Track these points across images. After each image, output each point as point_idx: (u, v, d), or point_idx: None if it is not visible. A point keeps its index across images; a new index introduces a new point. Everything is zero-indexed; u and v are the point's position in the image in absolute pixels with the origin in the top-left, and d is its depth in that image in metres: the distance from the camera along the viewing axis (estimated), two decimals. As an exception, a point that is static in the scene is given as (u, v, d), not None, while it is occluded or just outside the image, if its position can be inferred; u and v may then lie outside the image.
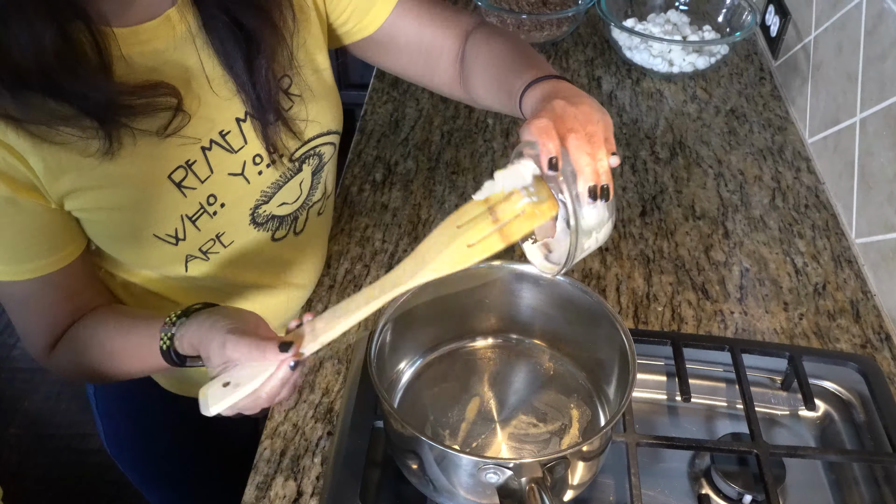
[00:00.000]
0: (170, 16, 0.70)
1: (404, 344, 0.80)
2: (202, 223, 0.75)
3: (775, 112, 1.31)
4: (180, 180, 0.72)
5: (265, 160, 0.78)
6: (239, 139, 0.75)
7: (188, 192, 0.73)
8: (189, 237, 0.75)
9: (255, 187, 0.78)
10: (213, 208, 0.75)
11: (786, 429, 0.86)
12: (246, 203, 0.79)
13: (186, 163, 0.72)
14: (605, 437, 0.69)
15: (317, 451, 0.81)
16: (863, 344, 0.93)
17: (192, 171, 0.73)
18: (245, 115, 0.75)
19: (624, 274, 1.01)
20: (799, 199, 1.14)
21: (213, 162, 0.74)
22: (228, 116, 0.74)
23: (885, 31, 1.01)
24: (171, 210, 0.73)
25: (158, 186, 0.71)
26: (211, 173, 0.74)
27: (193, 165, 0.73)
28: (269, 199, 0.81)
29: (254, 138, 0.76)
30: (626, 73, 1.41)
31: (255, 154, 0.77)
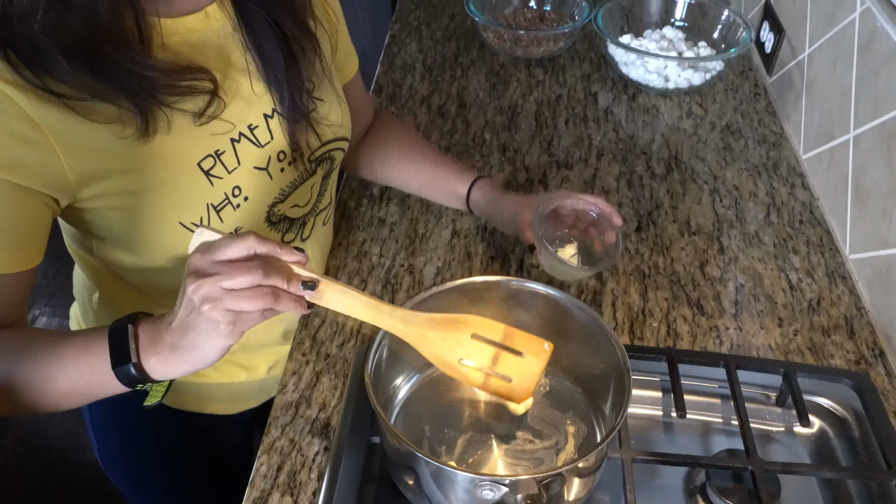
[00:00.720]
0: (208, 12, 0.74)
1: (401, 359, 0.81)
2: (225, 214, 0.76)
3: (770, 128, 1.32)
4: (209, 169, 0.74)
5: (287, 157, 0.81)
6: (266, 134, 0.78)
7: (215, 181, 0.74)
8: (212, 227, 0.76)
9: (275, 184, 0.81)
10: (237, 200, 0.77)
11: (781, 445, 0.86)
12: (265, 200, 0.81)
13: (216, 152, 0.74)
14: (600, 453, 0.69)
15: (313, 467, 0.81)
16: (857, 360, 0.93)
17: (221, 161, 0.75)
18: (272, 112, 0.78)
19: (620, 289, 1.02)
20: (793, 214, 1.14)
21: (241, 154, 0.76)
22: (258, 112, 0.77)
23: (877, 49, 1.03)
24: (197, 197, 0.74)
25: (187, 172, 0.73)
26: (238, 165, 0.76)
27: (222, 156, 0.75)
28: (285, 199, 0.83)
29: (279, 135, 0.80)
30: (622, 89, 1.42)
31: (280, 150, 0.80)
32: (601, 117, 1.34)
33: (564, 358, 0.83)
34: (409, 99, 1.38)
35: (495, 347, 0.72)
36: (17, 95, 0.62)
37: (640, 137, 1.30)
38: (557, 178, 1.20)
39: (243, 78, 0.76)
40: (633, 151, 1.26)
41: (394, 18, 1.64)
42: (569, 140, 1.28)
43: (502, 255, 1.06)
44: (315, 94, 0.83)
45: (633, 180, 1.20)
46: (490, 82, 1.43)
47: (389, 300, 0.99)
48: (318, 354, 0.93)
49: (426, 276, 1.03)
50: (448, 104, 1.37)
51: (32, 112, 0.63)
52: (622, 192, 1.18)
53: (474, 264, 1.05)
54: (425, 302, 0.78)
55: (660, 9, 1.52)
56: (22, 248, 0.68)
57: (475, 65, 1.48)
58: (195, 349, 0.63)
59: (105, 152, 0.67)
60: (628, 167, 1.23)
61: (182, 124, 0.71)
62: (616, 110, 1.36)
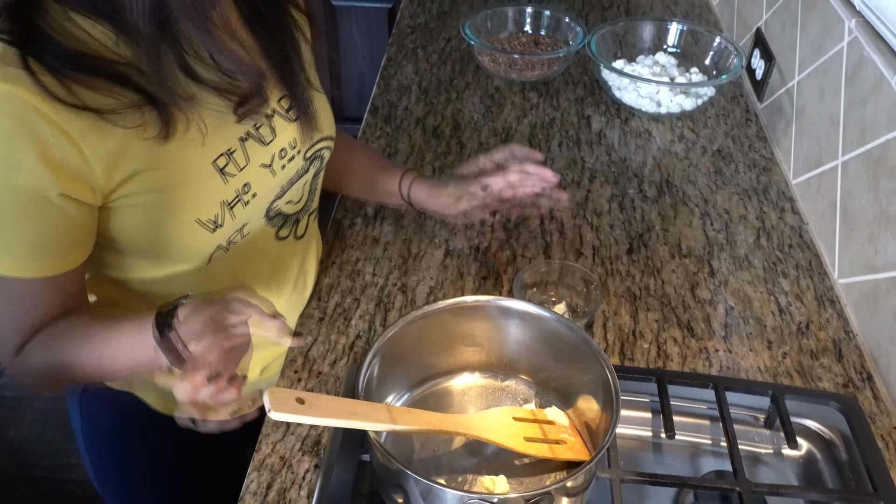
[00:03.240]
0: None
1: (392, 377, 0.81)
2: (237, 211, 0.80)
3: (760, 153, 1.34)
4: (223, 167, 0.77)
5: (288, 154, 0.85)
6: (269, 132, 0.82)
7: (229, 178, 0.78)
8: (225, 225, 0.79)
9: (278, 181, 0.85)
10: (246, 197, 0.80)
11: (769, 467, 0.87)
12: (269, 196, 0.84)
13: (228, 151, 0.78)
14: (589, 472, 0.70)
15: (303, 485, 0.82)
16: (845, 383, 0.94)
17: (233, 160, 0.78)
18: (272, 112, 0.82)
19: (610, 310, 1.02)
20: (783, 238, 1.16)
21: (250, 152, 0.80)
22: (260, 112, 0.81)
23: (864, 78, 1.04)
24: (213, 195, 0.77)
25: (203, 171, 0.76)
26: (248, 163, 0.80)
27: (234, 154, 0.78)
28: (283, 195, 0.87)
29: (281, 132, 0.83)
30: (615, 113, 1.44)
31: (281, 148, 0.84)
32: (594, 140, 1.36)
33: (554, 378, 0.83)
34: (404, 120, 1.40)
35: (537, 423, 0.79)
36: (44, 105, 0.63)
37: (632, 161, 1.31)
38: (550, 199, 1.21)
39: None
40: (625, 174, 1.28)
41: (391, 41, 1.66)
42: (562, 162, 1.30)
43: (494, 275, 1.07)
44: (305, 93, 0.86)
45: (624, 203, 1.22)
46: (485, 105, 1.45)
47: (382, 319, 1.00)
48: (310, 372, 0.93)
49: (419, 295, 1.04)
50: (443, 126, 1.38)
51: (61, 121, 0.64)
52: (614, 215, 1.19)
53: (467, 284, 1.06)
54: (417, 321, 0.79)
55: (653, 35, 1.54)
56: (72, 249, 0.72)
57: (470, 87, 1.50)
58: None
59: (130, 155, 0.70)
60: (620, 190, 1.24)
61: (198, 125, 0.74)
62: (609, 134, 1.38)
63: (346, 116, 2.89)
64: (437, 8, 1.80)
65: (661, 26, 1.54)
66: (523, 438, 0.76)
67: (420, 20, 1.74)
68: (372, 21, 2.67)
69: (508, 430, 0.76)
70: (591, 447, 0.78)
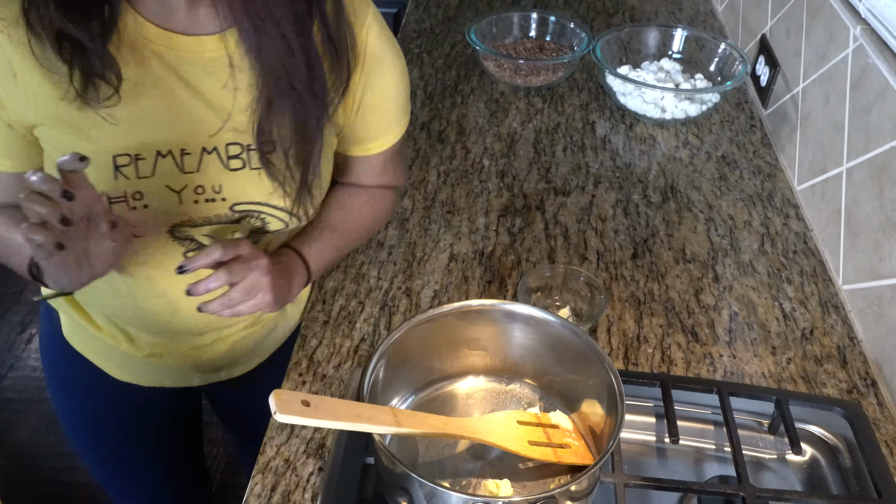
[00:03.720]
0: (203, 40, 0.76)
1: (397, 380, 0.81)
2: (118, 209, 0.78)
3: (765, 159, 1.34)
4: (121, 165, 0.77)
5: (206, 194, 0.81)
6: (194, 164, 0.79)
7: (121, 178, 0.77)
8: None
9: (185, 209, 0.81)
10: (134, 203, 0.79)
11: (772, 472, 0.87)
12: (170, 218, 0.81)
13: (135, 155, 0.77)
14: (593, 476, 0.70)
15: (307, 487, 0.82)
16: (849, 389, 0.94)
17: (136, 165, 0.77)
18: (212, 150, 0.79)
19: (615, 315, 1.03)
20: (787, 245, 1.16)
21: (160, 168, 0.78)
22: (199, 142, 0.79)
23: (869, 85, 1.05)
24: (98, 182, 0.74)
25: (99, 157, 0.75)
26: (151, 176, 0.78)
27: (140, 161, 0.77)
28: (196, 226, 0.83)
29: (206, 171, 0.80)
30: (619, 119, 1.44)
31: (198, 185, 0.80)
32: (599, 146, 1.36)
33: (558, 382, 0.84)
34: (409, 124, 1.40)
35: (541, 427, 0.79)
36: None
37: (636, 166, 1.31)
38: (555, 204, 1.21)
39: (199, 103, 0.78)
40: (629, 180, 1.28)
41: (396, 46, 1.67)
42: (566, 167, 1.30)
43: (499, 279, 1.07)
44: (271, 156, 0.80)
45: (629, 208, 1.22)
46: (490, 110, 1.46)
47: (386, 322, 1.00)
48: (314, 375, 0.94)
49: (423, 299, 1.04)
50: (448, 130, 1.39)
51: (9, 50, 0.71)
52: (618, 220, 1.19)
53: (471, 288, 1.06)
54: (422, 325, 0.79)
55: (658, 41, 1.55)
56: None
57: (475, 92, 1.51)
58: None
59: (46, 102, 0.74)
60: (625, 195, 1.24)
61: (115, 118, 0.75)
62: (613, 139, 1.38)
63: (351, 121, 2.89)
64: (442, 13, 1.80)
65: (665, 32, 1.54)
66: (527, 442, 0.76)
67: (425, 25, 1.75)
68: (377, 26, 2.67)
69: (513, 433, 0.76)
70: (595, 451, 0.78)
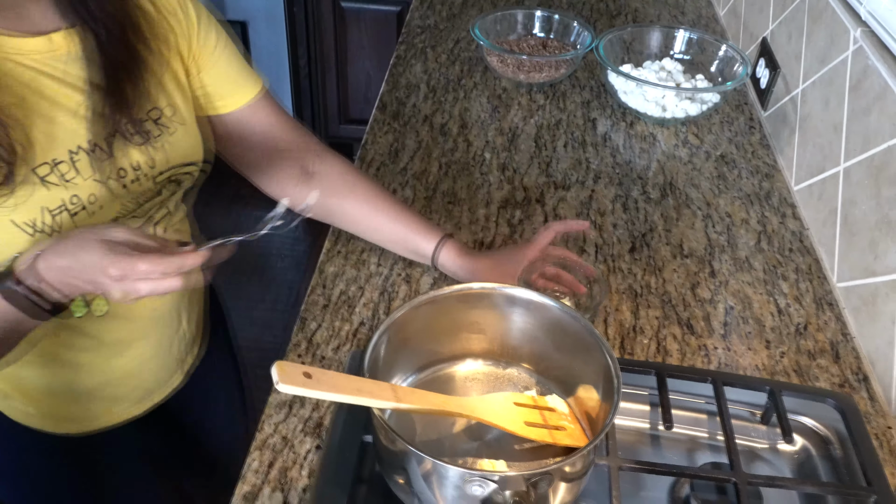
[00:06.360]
0: (52, 38, 0.77)
1: (397, 361, 0.82)
2: (62, 219, 0.77)
3: (763, 160, 1.35)
4: (44, 175, 0.76)
5: (129, 175, 0.83)
6: (104, 152, 0.81)
7: (52, 187, 0.77)
8: (48, 232, 0.77)
9: (119, 200, 0.83)
10: (74, 208, 0.78)
11: (765, 462, 0.88)
12: (107, 213, 0.82)
13: (52, 161, 0.76)
14: (587, 458, 0.71)
15: (305, 465, 0.83)
16: (841, 384, 0.95)
17: (58, 170, 0.77)
18: (114, 132, 0.81)
19: (612, 306, 1.04)
20: (784, 243, 1.17)
21: (80, 166, 0.79)
22: (97, 129, 0.80)
23: (869, 87, 1.06)
24: (31, 198, 0.75)
25: (20, 174, 0.74)
26: (76, 175, 0.78)
27: (59, 165, 0.77)
28: (129, 215, 0.86)
29: (120, 153, 0.82)
30: (620, 117, 1.45)
31: (120, 168, 0.82)
32: (599, 143, 1.38)
33: (556, 367, 0.85)
34: (412, 117, 1.41)
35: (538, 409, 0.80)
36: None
37: (636, 163, 1.33)
38: (555, 198, 1.23)
39: (81, 97, 0.79)
40: (629, 176, 1.29)
41: (400, 40, 1.68)
42: (567, 163, 1.31)
43: (498, 268, 1.08)
44: (161, 120, 0.86)
45: (628, 203, 1.23)
46: (492, 105, 1.47)
47: (385, 308, 1.01)
48: (313, 356, 0.94)
49: (423, 285, 1.05)
50: (450, 123, 1.40)
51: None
52: (617, 214, 1.20)
53: (470, 276, 1.07)
54: (423, 306, 0.80)
55: (660, 42, 1.56)
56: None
57: (478, 87, 1.52)
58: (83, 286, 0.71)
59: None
60: (624, 191, 1.26)
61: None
62: (614, 136, 1.40)
63: (352, 118, 2.91)
64: (447, 10, 1.82)
65: (668, 33, 1.56)
66: (524, 423, 0.77)
67: (430, 21, 1.76)
68: (380, 24, 2.69)
69: (510, 414, 0.77)
70: (590, 435, 0.79)
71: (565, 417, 0.80)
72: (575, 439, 0.78)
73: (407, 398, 0.71)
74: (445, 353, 0.86)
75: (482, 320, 0.85)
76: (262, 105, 0.99)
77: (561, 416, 0.80)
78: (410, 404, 0.71)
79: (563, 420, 0.80)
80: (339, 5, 2.66)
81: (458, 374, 0.87)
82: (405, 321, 0.79)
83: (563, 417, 0.80)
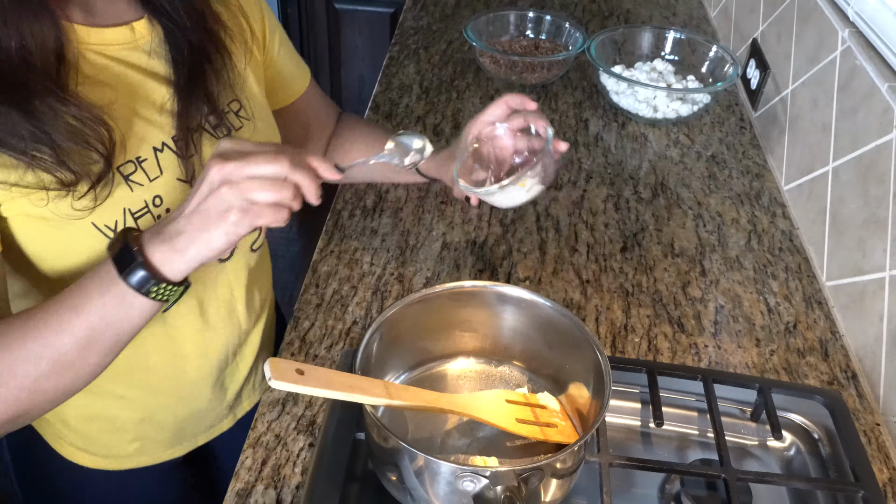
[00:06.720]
0: (134, 27, 0.75)
1: (389, 359, 0.83)
2: (144, 222, 0.74)
3: (754, 160, 1.36)
4: (129, 174, 0.73)
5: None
6: (190, 147, 0.78)
7: (135, 187, 0.73)
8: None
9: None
10: (157, 210, 0.75)
11: (754, 458, 0.89)
12: None
13: (137, 159, 0.74)
14: (579, 452, 0.71)
15: (298, 462, 0.83)
16: (830, 381, 0.96)
17: (142, 169, 0.74)
18: (197, 127, 0.79)
19: (603, 305, 1.04)
20: (774, 242, 1.18)
21: (164, 164, 0.76)
22: (182, 123, 0.77)
23: (857, 86, 1.07)
24: (114, 199, 0.72)
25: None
26: (160, 174, 0.75)
27: (143, 163, 0.74)
28: None
29: (205, 148, 0.80)
30: (612, 117, 1.46)
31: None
32: (591, 143, 1.38)
33: (547, 365, 0.85)
34: (405, 117, 1.42)
35: (529, 406, 0.80)
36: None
37: (628, 163, 1.34)
38: (546, 197, 1.23)
39: (165, 89, 0.77)
40: (621, 176, 1.30)
41: (393, 41, 1.69)
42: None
43: (491, 267, 1.09)
44: (241, 113, 0.84)
45: (619, 203, 1.24)
46: (485, 105, 1.47)
47: (378, 307, 1.02)
48: (306, 355, 0.95)
49: (416, 285, 1.06)
50: (443, 124, 1.41)
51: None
52: (609, 214, 1.21)
53: (462, 275, 1.07)
54: (415, 304, 0.81)
55: (651, 43, 1.57)
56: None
57: (471, 88, 1.53)
58: (203, 232, 0.63)
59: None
60: (616, 191, 1.27)
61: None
62: (606, 137, 1.41)
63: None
64: (440, 11, 1.82)
65: (659, 34, 1.57)
66: (515, 420, 0.78)
67: (423, 22, 1.77)
68: (374, 25, 2.70)
69: (501, 411, 0.78)
70: (581, 432, 0.80)
71: (556, 415, 0.81)
72: (566, 436, 0.78)
73: (399, 395, 0.72)
74: (437, 351, 0.87)
75: (474, 318, 0.85)
76: (312, 90, 1.05)
77: (552, 414, 0.81)
78: (402, 401, 0.71)
79: (555, 417, 0.80)
80: (333, 6, 2.67)
81: (449, 372, 0.87)
82: (397, 319, 0.80)
83: (555, 415, 0.81)
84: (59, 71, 0.67)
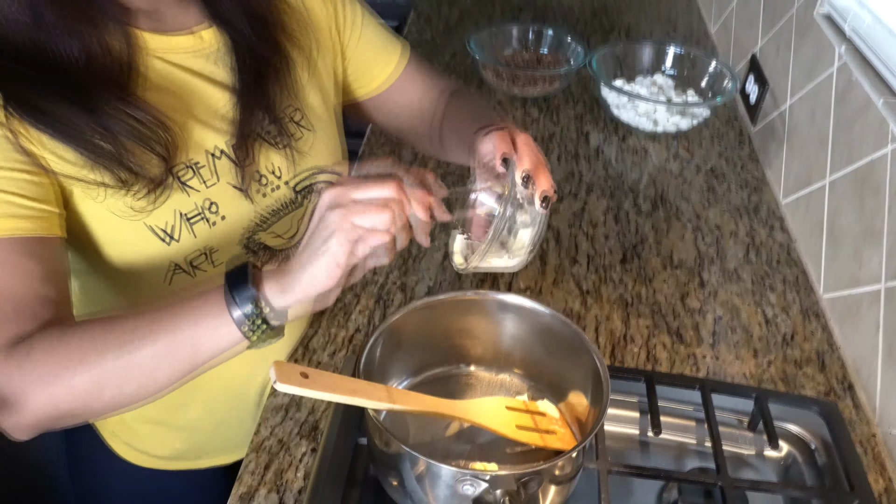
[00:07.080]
0: (202, 36, 0.77)
1: (392, 365, 0.84)
2: (199, 229, 0.75)
3: (752, 174, 1.38)
4: (185, 178, 0.74)
5: (270, 182, 0.81)
6: (245, 154, 0.79)
7: (191, 192, 0.75)
8: (182, 240, 0.75)
9: (254, 208, 0.81)
10: (213, 217, 0.76)
11: (751, 467, 0.90)
12: (241, 223, 0.80)
13: (194, 164, 0.75)
14: (578, 458, 0.73)
15: (300, 467, 0.84)
16: (826, 392, 0.97)
17: (198, 173, 0.75)
18: (255, 134, 0.79)
19: (603, 315, 1.06)
20: (771, 254, 1.19)
21: (220, 170, 0.77)
22: (241, 130, 0.78)
23: (853, 100, 1.09)
24: (167, 202, 0.73)
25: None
26: (217, 181, 0.77)
27: (200, 169, 0.76)
28: (265, 225, 0.83)
29: (261, 157, 0.80)
30: (612, 130, 1.48)
31: (260, 174, 0.81)
32: (592, 155, 1.40)
33: (547, 373, 0.86)
34: (408, 129, 1.43)
35: (529, 413, 0.82)
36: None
37: (628, 176, 1.35)
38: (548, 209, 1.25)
39: (225, 95, 0.78)
40: (621, 188, 1.32)
41: (397, 54, 1.71)
42: (560, 175, 1.34)
43: (491, 277, 1.10)
44: (302, 122, 0.84)
45: (619, 215, 1.25)
46: (487, 117, 1.49)
47: (381, 315, 1.03)
48: (309, 361, 0.96)
49: (417, 293, 1.07)
50: (446, 136, 1.42)
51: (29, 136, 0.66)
52: (609, 226, 1.23)
53: (464, 285, 1.09)
54: (419, 311, 0.82)
55: (651, 58, 1.59)
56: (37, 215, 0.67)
57: (473, 101, 1.54)
58: (308, 266, 0.62)
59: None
60: (616, 203, 1.28)
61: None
62: (606, 150, 1.42)
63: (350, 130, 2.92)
64: (443, 25, 1.85)
65: (659, 49, 1.58)
66: (515, 426, 0.79)
67: (426, 36, 1.79)
68: (378, 38, 2.72)
69: (501, 417, 0.79)
70: (580, 439, 0.81)
71: (556, 422, 0.82)
72: (565, 443, 0.80)
73: (401, 400, 0.73)
74: (439, 359, 0.88)
75: (475, 326, 0.87)
76: (410, 71, 0.99)
77: (551, 421, 0.82)
78: (404, 406, 0.73)
79: (554, 424, 0.82)
80: (337, 19, 2.69)
81: (451, 379, 0.88)
82: (400, 326, 0.81)
83: (554, 422, 0.82)
84: (126, 75, 0.70)
